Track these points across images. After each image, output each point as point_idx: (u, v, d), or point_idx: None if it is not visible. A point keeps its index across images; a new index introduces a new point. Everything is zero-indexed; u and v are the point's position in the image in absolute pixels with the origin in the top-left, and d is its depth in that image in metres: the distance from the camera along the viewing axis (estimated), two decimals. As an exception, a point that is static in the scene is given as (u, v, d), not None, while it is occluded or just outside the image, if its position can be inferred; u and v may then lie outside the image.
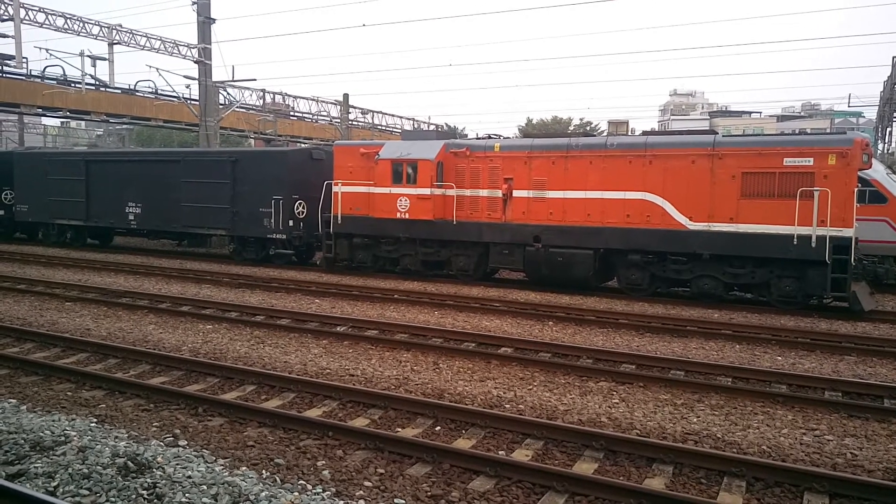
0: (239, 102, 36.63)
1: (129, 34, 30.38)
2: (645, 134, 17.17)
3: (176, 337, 11.21)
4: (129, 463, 5.31)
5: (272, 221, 20.03)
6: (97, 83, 32.10)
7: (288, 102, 43.87)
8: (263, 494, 4.98)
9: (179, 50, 30.45)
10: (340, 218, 18.52)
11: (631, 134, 19.85)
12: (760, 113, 79.82)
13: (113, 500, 4.81)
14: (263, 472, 5.87)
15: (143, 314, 13.12)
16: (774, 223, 13.82)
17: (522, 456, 6.49)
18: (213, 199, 21.13)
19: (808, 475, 5.93)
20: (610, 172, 15.45)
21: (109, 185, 23.75)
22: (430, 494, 5.71)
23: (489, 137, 18.44)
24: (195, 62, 27.93)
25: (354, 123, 47.34)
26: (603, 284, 16.77)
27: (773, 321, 13.14)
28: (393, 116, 52.57)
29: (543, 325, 12.67)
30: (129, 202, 23.27)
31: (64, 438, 5.90)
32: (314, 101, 45.05)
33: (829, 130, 48.69)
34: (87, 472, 5.16)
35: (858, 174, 13.86)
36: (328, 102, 45.63)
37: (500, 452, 6.59)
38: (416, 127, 50.55)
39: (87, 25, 29.30)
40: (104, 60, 31.13)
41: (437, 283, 17.24)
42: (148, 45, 30.63)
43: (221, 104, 31.87)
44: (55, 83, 31.58)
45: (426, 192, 17.19)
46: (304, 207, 20.06)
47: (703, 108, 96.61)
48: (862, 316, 13.56)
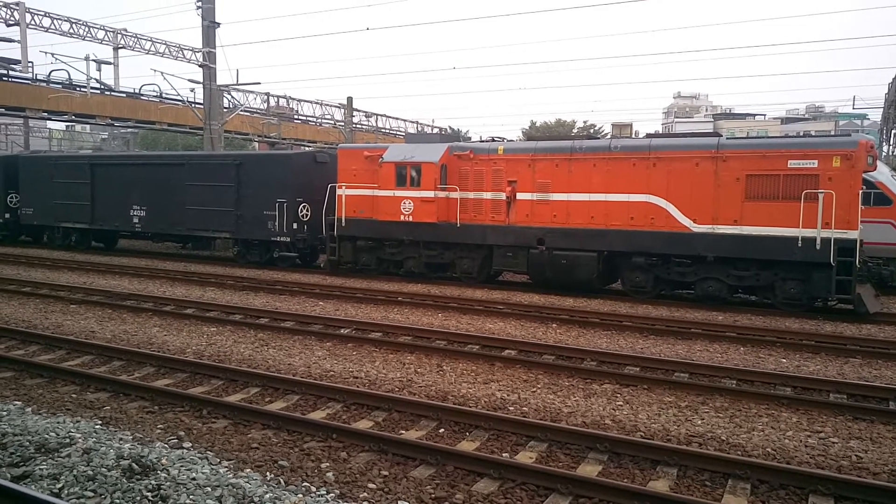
0: (243, 106, 36.71)
1: (134, 38, 30.48)
2: (649, 136, 17.16)
3: (180, 339, 11.23)
4: (133, 465, 5.32)
5: (276, 224, 20.07)
6: (102, 87, 32.24)
7: (292, 106, 43.97)
8: (268, 496, 4.99)
9: (184, 54, 30.54)
10: (344, 221, 18.55)
11: (635, 136, 19.82)
12: (764, 115, 79.76)
13: (117, 501, 4.82)
14: (268, 473, 5.88)
15: (147, 317, 13.15)
16: (779, 225, 13.79)
17: (526, 458, 6.49)
18: (217, 202, 21.19)
19: (813, 477, 5.91)
20: (614, 175, 15.45)
21: (114, 188, 23.84)
22: (434, 497, 5.71)
23: (493, 140, 18.45)
24: (200, 66, 28.04)
25: (358, 126, 47.40)
26: (607, 287, 16.76)
27: (777, 323, 13.10)
28: (397, 119, 52.63)
29: (547, 327, 12.66)
30: (133, 205, 23.35)
31: (69, 440, 5.92)
32: (318, 104, 45.13)
33: (833, 133, 48.61)
34: (91, 473, 5.17)
35: (863, 176, 13.83)
36: (332, 106, 45.71)
37: (504, 455, 6.58)
38: (419, 130, 50.64)
39: (92, 30, 29.40)
40: (109, 64, 31.21)
41: (440, 285, 17.25)
42: (153, 49, 30.73)
43: (226, 108, 31.94)
44: (60, 87, 31.73)
45: (430, 194, 17.21)
46: (308, 210, 20.09)
47: (706, 110, 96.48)
48: (867, 318, 13.51)
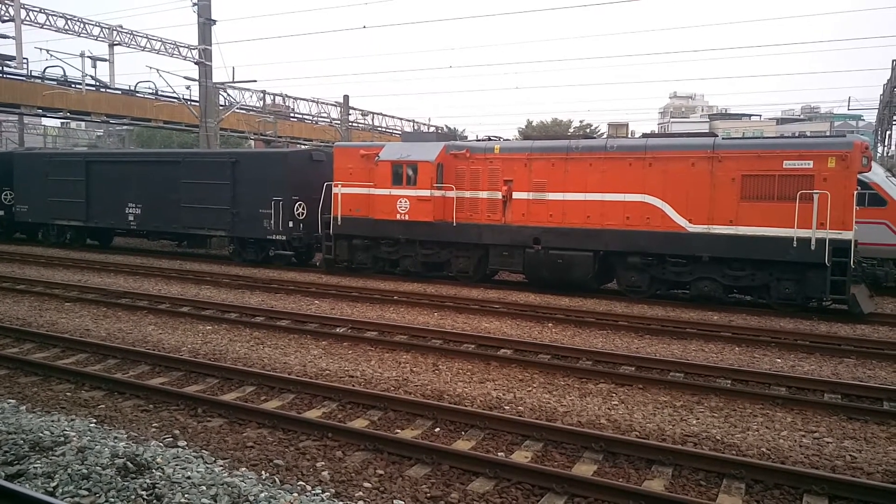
0: (239, 104, 36.68)
1: (129, 35, 30.43)
2: (645, 136, 17.17)
3: (175, 338, 11.21)
4: (128, 463, 5.31)
5: (272, 223, 20.04)
6: (97, 84, 32.15)
7: (288, 104, 43.95)
8: (263, 495, 4.98)
9: (180, 51, 30.50)
10: (340, 219, 18.53)
11: (631, 136, 19.82)
12: (760, 116, 79.92)
13: (112, 500, 4.81)
14: (263, 472, 5.87)
15: (142, 315, 13.12)
16: (774, 226, 13.83)
17: (522, 457, 6.49)
18: (212, 200, 21.14)
19: (807, 477, 5.93)
20: (610, 175, 15.46)
21: (109, 185, 23.75)
22: (429, 496, 5.71)
23: (489, 139, 18.44)
24: (195, 63, 27.95)
25: (354, 125, 47.39)
26: (603, 286, 16.78)
27: (772, 323, 13.14)
28: (393, 118, 52.65)
29: (543, 326, 12.67)
30: (129, 203, 23.28)
31: (63, 439, 5.90)
32: (314, 102, 45.13)
33: (828, 133, 48.73)
34: (86, 472, 5.15)
35: (858, 177, 13.87)
36: (328, 104, 45.70)
37: (499, 454, 6.58)
38: (416, 128, 50.60)
39: (87, 26, 29.34)
40: (104, 61, 31.22)
41: (436, 284, 17.24)
42: (148, 46, 30.68)
43: (222, 105, 31.90)
44: (55, 84, 31.62)
45: (426, 193, 17.20)
46: (303, 209, 20.06)
47: (702, 110, 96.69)
48: (861, 318, 13.56)
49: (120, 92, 34.21)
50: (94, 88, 32.05)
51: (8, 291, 15.27)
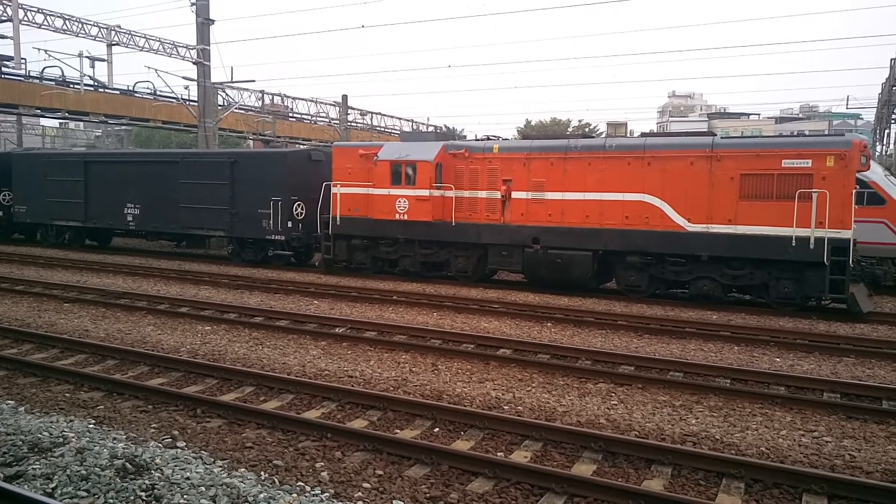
0: (238, 104, 36.64)
1: (127, 35, 30.42)
2: (644, 135, 17.19)
3: (174, 338, 11.20)
4: (127, 464, 5.31)
5: (271, 223, 20.03)
6: (96, 84, 32.10)
7: (287, 104, 43.89)
8: (262, 496, 4.98)
9: (178, 51, 30.48)
10: (339, 219, 18.52)
11: (630, 135, 19.83)
12: (759, 115, 79.86)
13: (111, 501, 4.81)
14: (262, 473, 5.87)
15: (141, 315, 13.11)
16: (773, 225, 13.83)
17: (521, 457, 6.49)
18: (211, 200, 21.13)
19: (806, 476, 5.94)
20: (609, 174, 15.46)
21: (108, 186, 23.73)
22: (428, 496, 5.71)
23: (488, 139, 18.45)
24: (194, 63, 27.93)
25: (353, 125, 47.37)
26: (602, 286, 16.78)
27: (771, 323, 13.15)
28: (392, 118, 52.62)
29: (542, 326, 12.67)
30: (127, 203, 23.26)
31: (62, 440, 5.90)
32: (313, 102, 45.09)
33: (827, 132, 48.78)
34: (85, 473, 5.15)
35: (857, 176, 13.88)
36: (327, 104, 45.67)
37: (498, 454, 6.58)
38: (414, 128, 50.59)
39: (85, 26, 29.33)
40: (103, 61, 31.19)
41: (435, 284, 17.24)
42: (147, 46, 30.67)
43: (220, 105, 31.87)
44: (54, 84, 31.58)
45: (425, 193, 17.19)
46: (302, 209, 20.05)
47: (701, 109, 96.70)
48: (860, 317, 13.57)
49: (118, 92, 34.18)
50: (92, 88, 32.00)
51: (6, 292, 15.25)
